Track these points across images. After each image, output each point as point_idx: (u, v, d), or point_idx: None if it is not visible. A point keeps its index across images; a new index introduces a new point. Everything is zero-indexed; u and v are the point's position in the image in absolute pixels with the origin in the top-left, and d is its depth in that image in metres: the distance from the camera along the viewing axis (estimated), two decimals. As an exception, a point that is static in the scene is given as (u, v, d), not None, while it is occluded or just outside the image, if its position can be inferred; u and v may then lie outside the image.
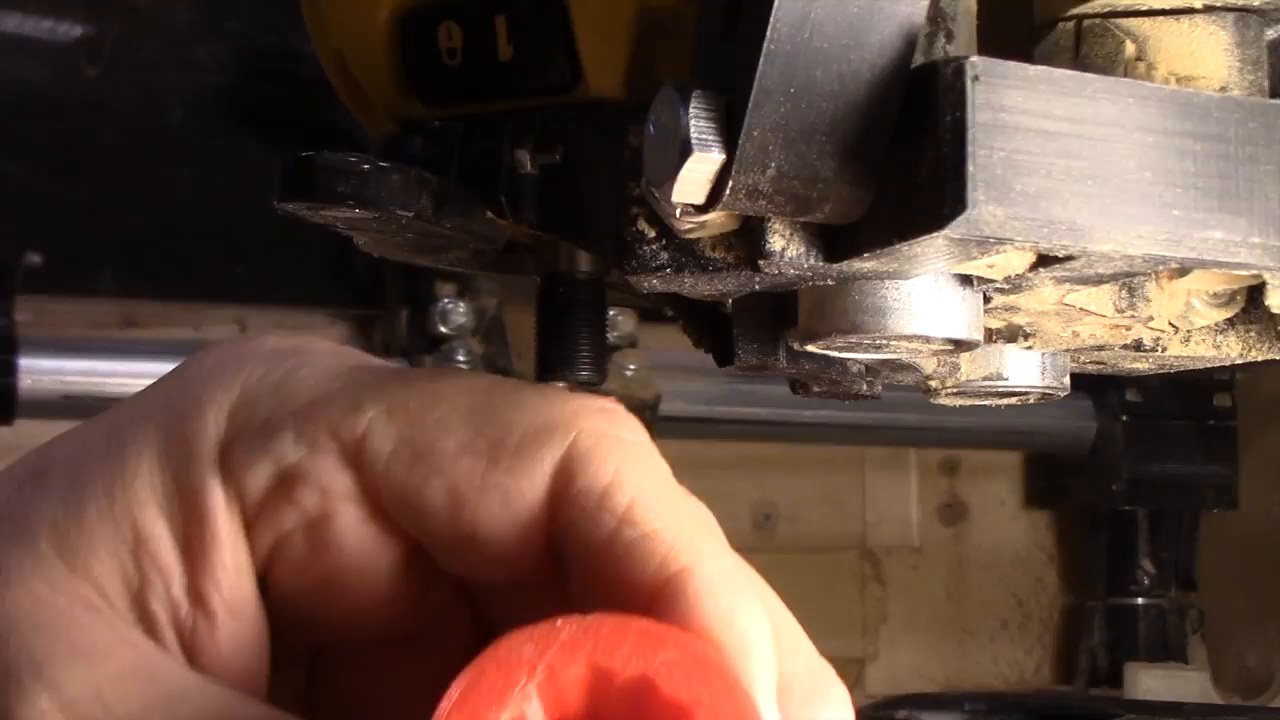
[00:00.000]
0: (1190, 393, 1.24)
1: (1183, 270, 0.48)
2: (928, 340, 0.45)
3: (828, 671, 0.34)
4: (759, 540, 1.22)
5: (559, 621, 0.31)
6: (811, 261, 0.43)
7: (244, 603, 0.35)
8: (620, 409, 0.35)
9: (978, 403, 0.53)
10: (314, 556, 0.34)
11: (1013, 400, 0.53)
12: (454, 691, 0.30)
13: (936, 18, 0.44)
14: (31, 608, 0.34)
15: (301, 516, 0.34)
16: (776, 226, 0.42)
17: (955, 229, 0.37)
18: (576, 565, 0.34)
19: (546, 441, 0.34)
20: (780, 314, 0.49)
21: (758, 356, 0.50)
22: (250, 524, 0.34)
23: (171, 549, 0.34)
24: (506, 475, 0.33)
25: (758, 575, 0.34)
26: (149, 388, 0.36)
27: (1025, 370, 0.52)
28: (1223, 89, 0.46)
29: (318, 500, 0.34)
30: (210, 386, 0.35)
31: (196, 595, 0.34)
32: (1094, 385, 1.23)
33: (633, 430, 0.35)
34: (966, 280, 0.44)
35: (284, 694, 0.36)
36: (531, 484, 0.33)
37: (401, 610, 0.36)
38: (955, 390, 0.52)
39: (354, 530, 0.34)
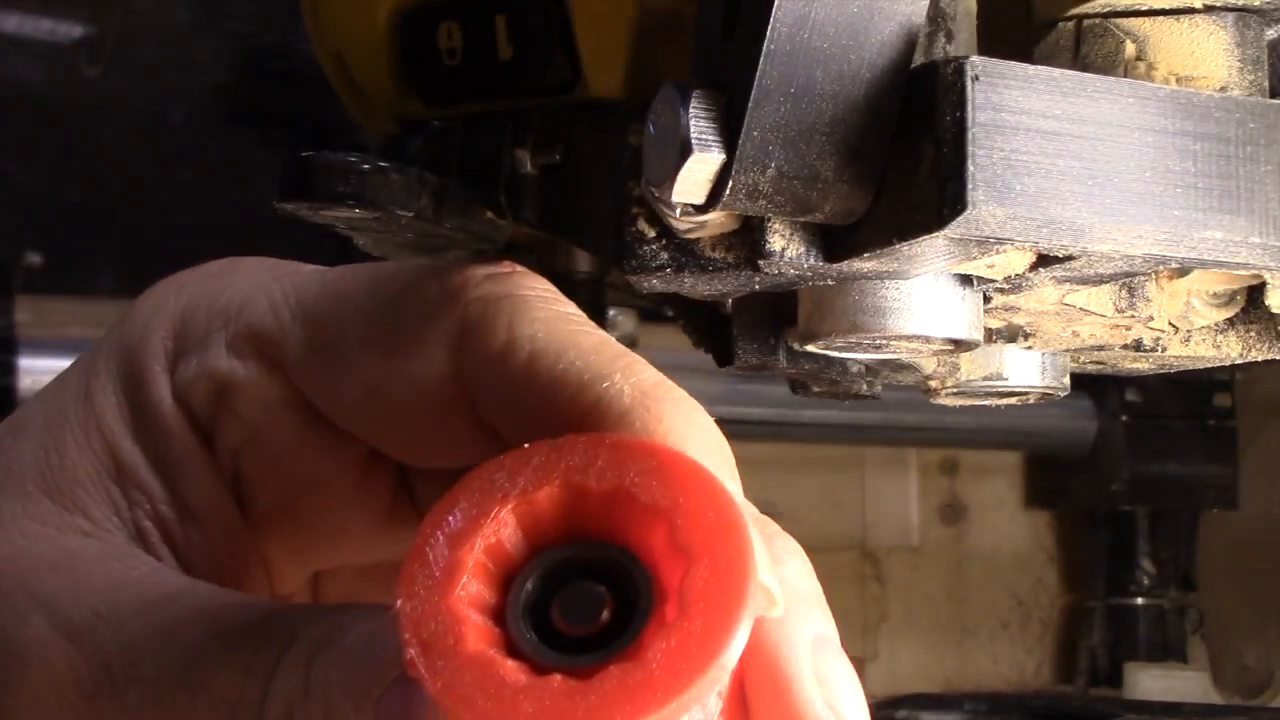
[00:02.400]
0: (1190, 393, 1.24)
1: (1183, 270, 0.48)
2: (928, 340, 0.45)
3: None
4: (759, 540, 1.22)
5: (528, 447, 0.30)
6: (811, 261, 0.43)
7: (221, 508, 0.36)
8: (514, 268, 0.35)
9: (978, 403, 0.53)
10: (268, 466, 0.35)
11: (1013, 400, 0.53)
12: (426, 525, 0.29)
13: (936, 18, 0.44)
14: (25, 544, 0.35)
15: (244, 426, 0.35)
16: (776, 226, 0.42)
17: (955, 229, 0.37)
18: (505, 430, 0.34)
19: (437, 319, 0.34)
20: (780, 314, 0.49)
21: (758, 356, 0.50)
22: (208, 439, 0.35)
23: (148, 470, 0.35)
24: (406, 360, 0.34)
25: (672, 383, 0.33)
26: (107, 332, 0.37)
27: (1025, 370, 0.52)
28: (1223, 89, 0.46)
29: (254, 408, 0.35)
30: (155, 314, 0.36)
31: (180, 506, 0.35)
32: (1094, 385, 1.23)
33: (523, 285, 0.34)
34: (966, 280, 0.44)
35: None
36: (431, 364, 0.34)
37: (374, 520, 0.36)
38: (955, 390, 0.52)
39: (295, 435, 0.35)
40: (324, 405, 0.35)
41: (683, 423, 0.32)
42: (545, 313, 0.34)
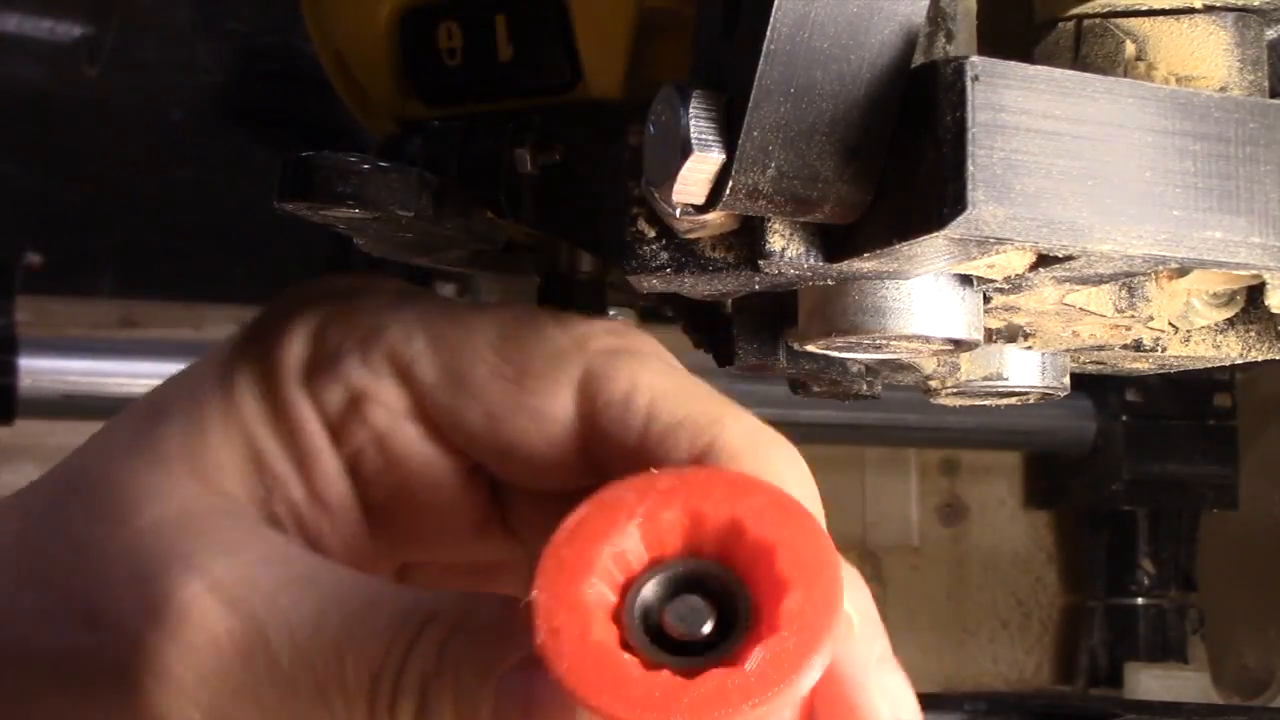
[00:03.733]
0: (1190, 393, 1.24)
1: (1183, 270, 0.48)
2: (928, 340, 0.45)
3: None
4: (759, 540, 1.22)
5: (655, 472, 0.35)
6: (811, 261, 0.43)
7: (346, 500, 0.40)
8: (629, 325, 0.41)
9: (978, 403, 0.53)
10: (386, 469, 0.40)
11: (1013, 400, 0.53)
12: (562, 530, 0.34)
13: (936, 18, 0.44)
14: (176, 517, 0.38)
15: (371, 432, 0.40)
16: (776, 226, 0.42)
17: (955, 229, 0.37)
18: (620, 471, 0.37)
19: (566, 364, 0.39)
20: (780, 314, 0.49)
21: (758, 356, 0.50)
22: (334, 438, 0.40)
23: (283, 459, 0.40)
24: (532, 397, 0.39)
25: (773, 429, 0.40)
26: (241, 332, 0.42)
27: (1025, 370, 0.52)
28: (1223, 89, 0.46)
29: (383, 417, 0.40)
30: (293, 321, 0.41)
31: (311, 495, 0.40)
32: (1094, 385, 1.23)
33: (641, 341, 0.41)
34: (966, 280, 0.44)
35: None
36: (556, 402, 0.39)
37: (467, 526, 0.41)
38: (955, 390, 0.52)
39: (415, 445, 0.40)
40: (445, 424, 0.40)
41: (784, 465, 0.39)
42: (663, 366, 0.40)
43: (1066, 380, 0.53)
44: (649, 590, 0.34)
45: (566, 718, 0.34)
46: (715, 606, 0.34)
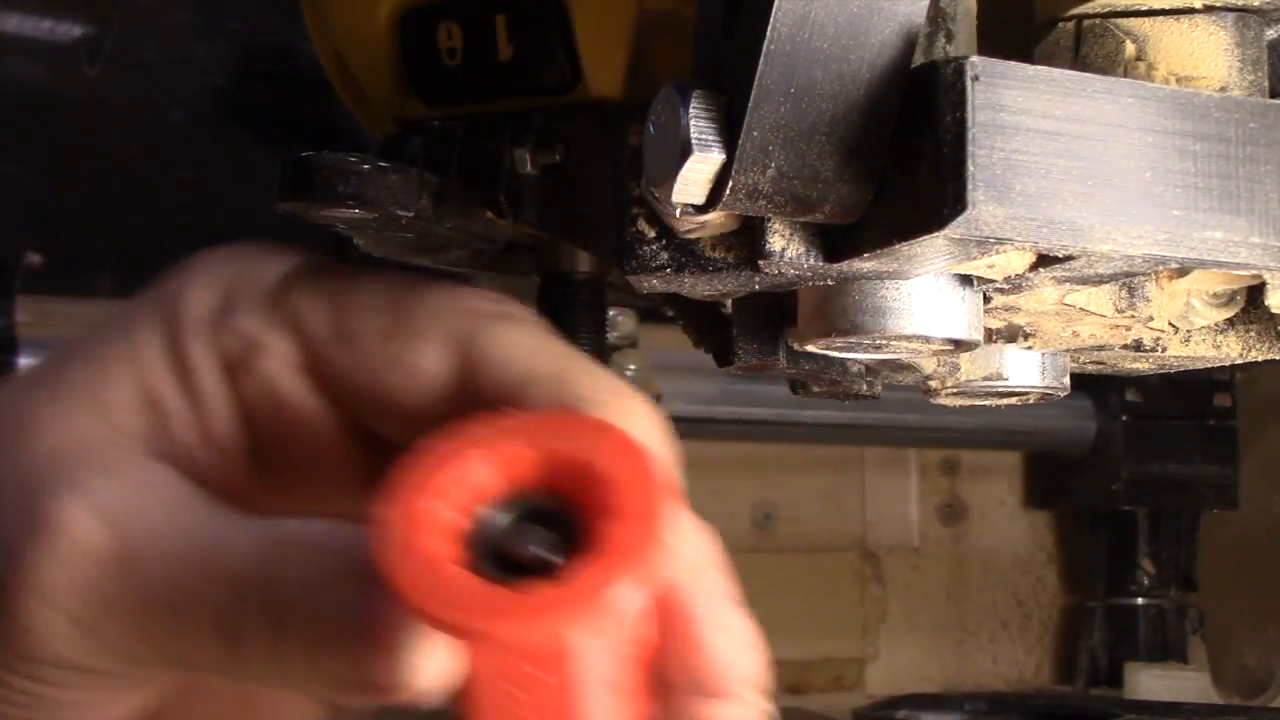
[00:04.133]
0: (1190, 393, 1.24)
1: (1183, 270, 0.48)
2: (928, 340, 0.45)
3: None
4: (759, 540, 1.22)
5: (507, 413, 0.38)
6: (811, 261, 0.43)
7: (234, 443, 0.43)
8: (507, 298, 0.44)
9: (978, 403, 0.53)
10: (274, 417, 0.43)
11: (1013, 400, 0.53)
12: (413, 453, 0.36)
13: (936, 18, 0.44)
14: (68, 445, 0.41)
15: (261, 380, 0.43)
16: (776, 226, 0.42)
17: (955, 229, 0.37)
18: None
19: (444, 323, 0.42)
20: (780, 314, 0.49)
21: (758, 356, 0.50)
22: (227, 384, 0.43)
23: (177, 399, 0.43)
24: (410, 352, 0.42)
25: (626, 385, 0.42)
26: (146, 291, 0.45)
27: (1025, 370, 0.52)
28: (1223, 89, 0.46)
29: (273, 367, 0.43)
30: (196, 277, 0.44)
31: (201, 435, 0.43)
32: (1094, 385, 1.23)
33: (517, 308, 0.43)
34: (966, 280, 0.44)
35: None
36: (432, 358, 0.42)
37: (346, 478, 0.44)
38: (955, 390, 0.52)
39: (303, 395, 0.43)
40: (331, 377, 0.43)
41: (635, 415, 0.41)
42: (534, 328, 0.43)
43: (1066, 380, 0.53)
44: (493, 517, 0.36)
45: (405, 630, 0.36)
46: (558, 536, 0.36)
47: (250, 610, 0.38)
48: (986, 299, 0.47)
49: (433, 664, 0.36)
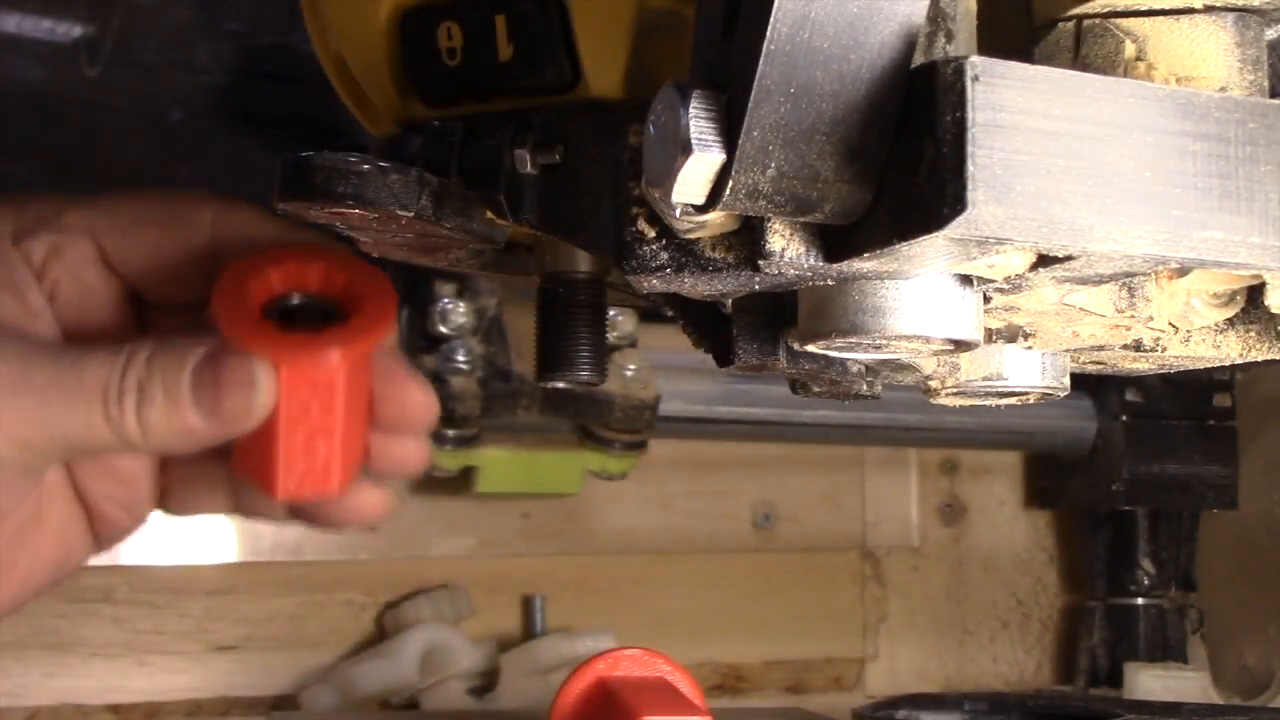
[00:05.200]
0: (1190, 393, 1.24)
1: (1183, 270, 0.48)
2: (928, 340, 0.45)
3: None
4: (759, 540, 1.22)
5: (293, 244, 0.58)
6: (811, 261, 0.43)
7: (48, 317, 0.59)
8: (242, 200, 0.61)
9: (978, 403, 0.53)
10: (74, 288, 0.59)
11: (1013, 400, 0.53)
12: (231, 265, 0.57)
13: (936, 18, 0.44)
14: None
15: (64, 270, 0.59)
16: (776, 226, 0.42)
17: (955, 229, 0.37)
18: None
19: (202, 207, 0.60)
20: (780, 314, 0.49)
21: (758, 356, 0.50)
22: (39, 276, 0.59)
23: (4, 290, 0.58)
24: (179, 230, 0.59)
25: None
26: None
27: (1025, 370, 0.52)
28: (1223, 89, 0.46)
29: (73, 260, 0.59)
30: (7, 207, 0.60)
31: (24, 313, 0.58)
32: (1094, 385, 1.23)
33: (253, 206, 0.60)
34: (966, 280, 0.44)
35: None
36: (193, 232, 0.59)
37: (125, 337, 0.59)
38: (955, 390, 0.52)
39: (96, 277, 0.60)
40: (117, 262, 0.60)
41: (347, 253, 0.58)
42: (264, 211, 0.59)
43: (1066, 380, 0.53)
44: (286, 299, 0.57)
45: (238, 379, 0.55)
46: (328, 313, 0.57)
47: (113, 394, 0.55)
48: (986, 299, 0.47)
49: (260, 392, 0.55)
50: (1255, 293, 0.50)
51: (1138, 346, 0.50)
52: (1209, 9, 0.46)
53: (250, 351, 0.55)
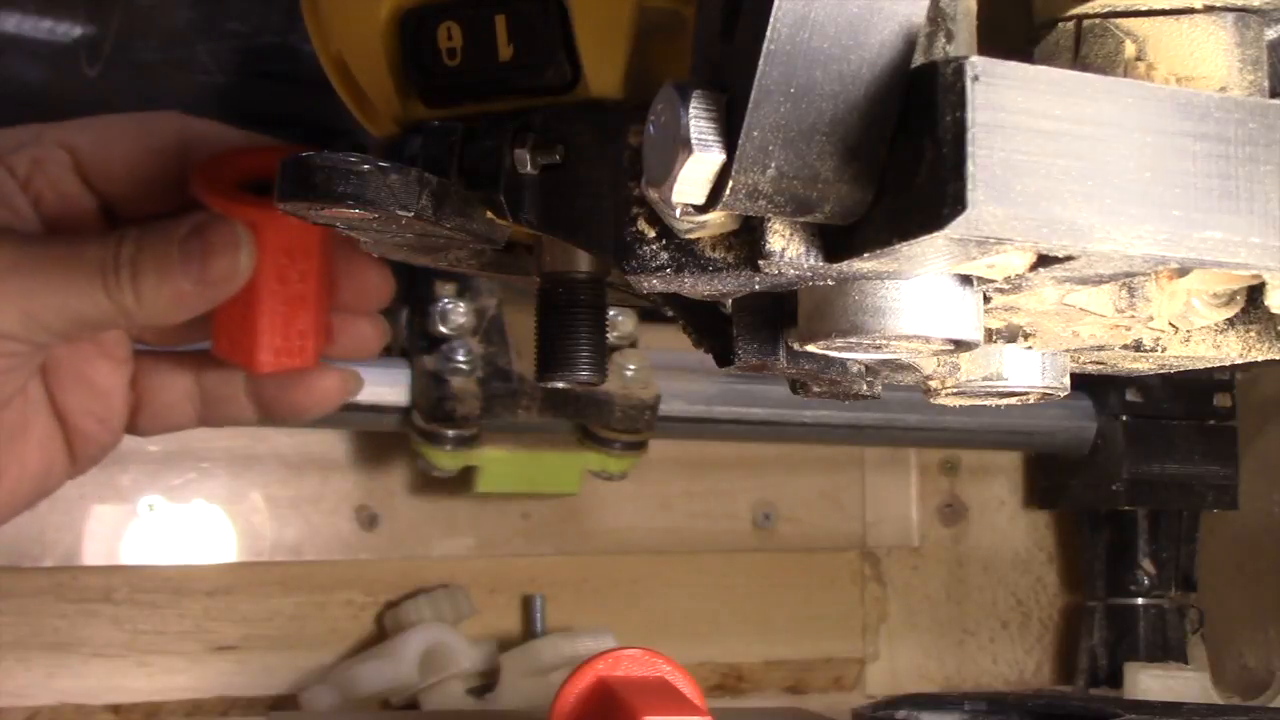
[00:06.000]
0: (1190, 393, 1.24)
1: (1183, 270, 0.48)
2: (928, 340, 0.45)
3: None
4: (759, 540, 1.22)
5: (247, 146, 0.65)
6: (811, 261, 0.43)
7: (35, 222, 0.64)
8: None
9: (978, 403, 0.53)
10: (56, 198, 0.64)
11: (1013, 400, 0.53)
12: (201, 160, 0.64)
13: (936, 18, 0.44)
14: None
15: (45, 180, 0.64)
16: (776, 226, 0.42)
17: (955, 229, 0.37)
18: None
19: (168, 122, 0.65)
20: (780, 314, 0.49)
21: (758, 356, 0.50)
22: (23, 188, 0.64)
23: None
24: (151, 139, 0.64)
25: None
26: None
27: (1025, 370, 0.52)
28: (1223, 89, 0.46)
29: (54, 171, 0.64)
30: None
31: (13, 216, 0.63)
32: (1094, 385, 1.23)
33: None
34: (966, 280, 0.44)
35: None
36: (162, 141, 0.64)
37: (99, 224, 0.65)
38: (955, 390, 0.52)
39: (75, 188, 0.64)
40: (94, 175, 0.65)
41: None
42: (228, 126, 0.66)
43: (1066, 380, 0.53)
44: (257, 182, 0.61)
45: (223, 241, 0.60)
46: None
47: (110, 269, 0.60)
48: (986, 299, 0.47)
49: (244, 252, 0.60)
50: (1255, 293, 0.50)
51: (1138, 346, 0.50)
52: (1209, 9, 0.46)
53: (232, 215, 0.60)
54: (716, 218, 0.43)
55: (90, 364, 0.66)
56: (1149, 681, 1.20)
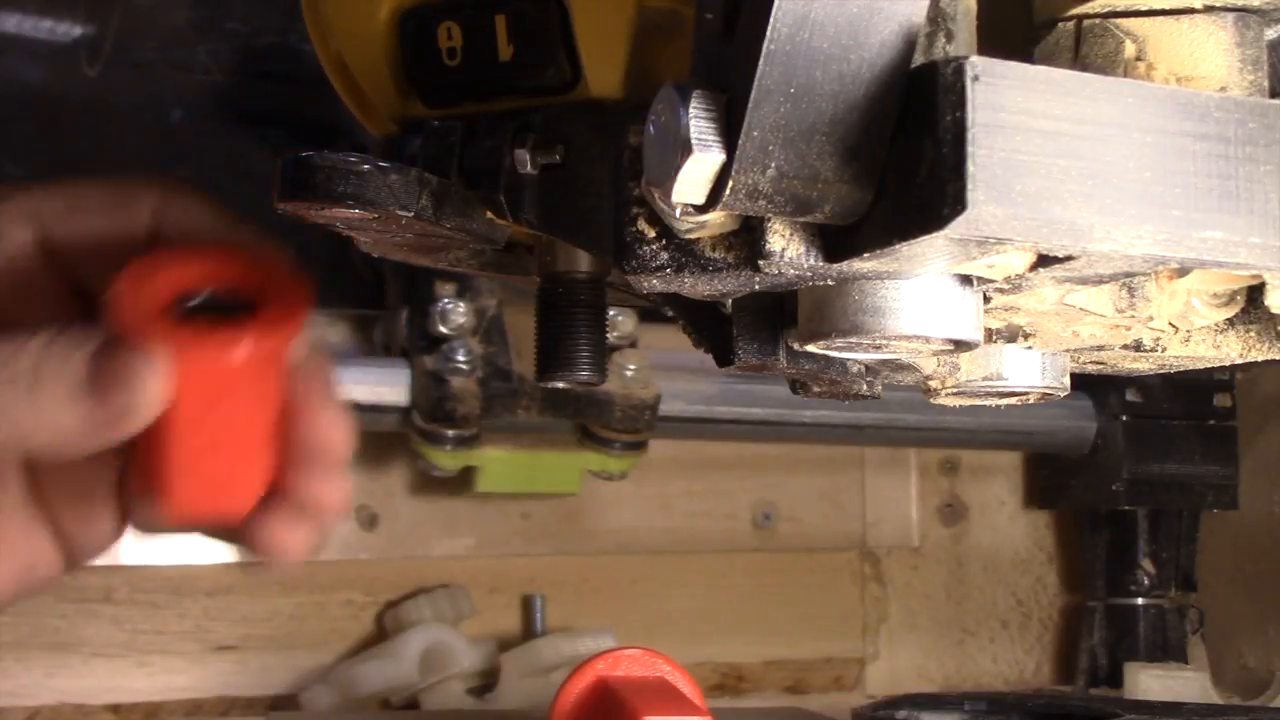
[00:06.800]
0: (1190, 393, 1.24)
1: (1183, 270, 0.48)
2: (928, 340, 0.45)
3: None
4: (759, 540, 1.22)
5: (196, 245, 0.55)
6: (811, 261, 0.43)
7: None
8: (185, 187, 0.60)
9: (978, 403, 0.53)
10: (20, 281, 0.58)
11: (1013, 400, 0.53)
12: (133, 264, 0.53)
13: (936, 18, 0.44)
14: None
15: (7, 255, 0.58)
16: (776, 226, 0.42)
17: (955, 229, 0.37)
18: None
19: (145, 196, 0.58)
20: (780, 314, 0.49)
21: (758, 356, 0.50)
22: None
23: None
24: (125, 213, 0.58)
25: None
26: None
27: (1025, 370, 0.52)
28: (1223, 89, 0.46)
29: (15, 245, 0.58)
30: None
31: None
32: (1094, 385, 1.23)
33: (195, 193, 0.60)
34: (966, 280, 0.44)
35: None
36: (134, 219, 0.58)
37: (62, 315, 0.58)
38: (955, 390, 0.52)
39: (37, 265, 0.58)
40: (60, 248, 0.58)
41: (279, 257, 0.55)
42: (210, 201, 0.59)
43: (1066, 380, 0.53)
44: (192, 295, 0.53)
45: (126, 370, 0.51)
46: (239, 313, 0.52)
47: (19, 371, 0.53)
48: (986, 299, 0.47)
49: (149, 386, 0.51)
50: (1255, 293, 0.50)
51: (1138, 346, 0.50)
52: (1209, 9, 0.46)
53: (144, 340, 0.51)
54: (716, 218, 0.43)
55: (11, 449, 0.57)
56: (1149, 681, 1.20)
